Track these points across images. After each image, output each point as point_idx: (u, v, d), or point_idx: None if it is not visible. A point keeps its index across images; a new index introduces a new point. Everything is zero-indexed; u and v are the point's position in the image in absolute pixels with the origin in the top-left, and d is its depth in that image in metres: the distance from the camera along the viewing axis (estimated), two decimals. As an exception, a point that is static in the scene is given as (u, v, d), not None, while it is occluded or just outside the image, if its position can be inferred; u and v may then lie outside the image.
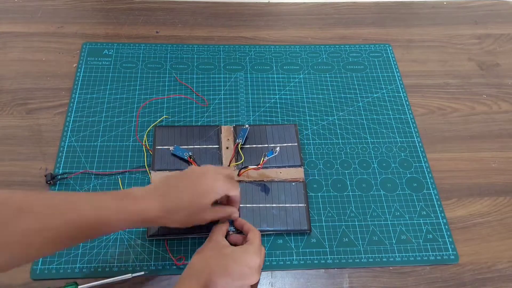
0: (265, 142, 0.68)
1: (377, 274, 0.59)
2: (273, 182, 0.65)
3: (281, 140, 0.68)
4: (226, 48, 0.83)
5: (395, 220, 0.64)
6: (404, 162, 0.70)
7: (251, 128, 0.69)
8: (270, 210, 0.62)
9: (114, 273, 0.57)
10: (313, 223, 0.63)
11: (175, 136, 0.68)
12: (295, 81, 0.79)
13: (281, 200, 0.63)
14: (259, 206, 0.62)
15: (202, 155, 0.66)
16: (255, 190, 0.64)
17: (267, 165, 0.65)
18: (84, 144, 0.68)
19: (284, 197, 0.63)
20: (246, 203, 0.62)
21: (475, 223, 0.65)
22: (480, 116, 0.77)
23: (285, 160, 0.67)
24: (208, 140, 0.68)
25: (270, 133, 0.69)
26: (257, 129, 0.70)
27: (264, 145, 0.68)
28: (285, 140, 0.69)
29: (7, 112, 0.71)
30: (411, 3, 0.95)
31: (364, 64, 0.82)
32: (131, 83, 0.76)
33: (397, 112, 0.76)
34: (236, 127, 0.70)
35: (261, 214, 0.62)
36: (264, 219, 0.61)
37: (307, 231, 0.61)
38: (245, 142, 0.68)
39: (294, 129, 0.70)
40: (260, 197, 0.63)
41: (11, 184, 0.64)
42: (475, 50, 0.87)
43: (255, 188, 0.64)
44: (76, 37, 0.82)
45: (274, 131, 0.69)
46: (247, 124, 0.71)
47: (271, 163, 0.66)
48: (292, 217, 0.62)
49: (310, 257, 0.60)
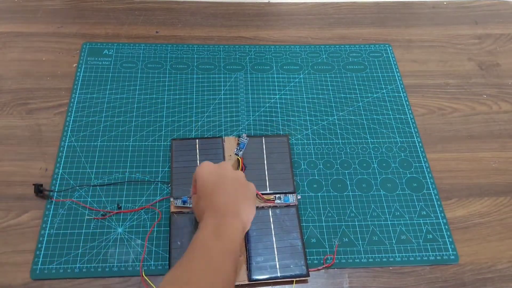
0: (260, 155, 0.67)
1: (377, 274, 0.59)
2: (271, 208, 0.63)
3: (274, 157, 0.67)
4: (226, 48, 0.83)
5: (395, 220, 0.64)
6: (404, 162, 0.70)
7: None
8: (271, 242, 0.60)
9: (114, 273, 0.57)
10: (313, 223, 0.63)
11: (190, 150, 0.67)
12: (295, 81, 0.79)
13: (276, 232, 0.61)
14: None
15: None
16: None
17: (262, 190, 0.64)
18: (84, 144, 0.68)
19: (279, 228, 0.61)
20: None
21: (475, 223, 0.65)
22: (480, 116, 0.77)
23: (279, 186, 0.65)
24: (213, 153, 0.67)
25: (263, 146, 0.68)
26: (251, 141, 0.69)
27: (260, 158, 0.67)
28: (278, 157, 0.67)
29: (7, 112, 0.71)
30: (411, 3, 0.95)
31: (364, 64, 0.82)
32: (131, 83, 0.76)
33: (397, 112, 0.76)
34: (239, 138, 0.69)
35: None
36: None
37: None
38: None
39: (286, 141, 0.69)
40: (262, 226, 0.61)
41: (11, 184, 0.64)
42: (475, 50, 0.87)
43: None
44: (76, 37, 0.82)
45: (267, 144, 0.68)
46: (245, 134, 0.70)
47: (262, 189, 0.64)
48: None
49: (310, 257, 0.60)
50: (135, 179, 0.65)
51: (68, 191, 0.63)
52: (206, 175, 0.54)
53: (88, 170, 0.65)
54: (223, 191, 0.53)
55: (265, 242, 0.59)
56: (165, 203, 0.63)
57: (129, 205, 0.62)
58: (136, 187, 0.64)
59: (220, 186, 0.53)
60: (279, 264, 0.58)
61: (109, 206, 0.62)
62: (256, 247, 0.59)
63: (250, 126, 0.72)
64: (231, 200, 0.52)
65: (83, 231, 0.60)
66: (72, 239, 0.59)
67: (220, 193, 0.53)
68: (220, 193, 0.53)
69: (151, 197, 0.63)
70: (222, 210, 0.51)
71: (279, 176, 0.65)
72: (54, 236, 0.59)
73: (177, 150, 0.67)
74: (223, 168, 0.55)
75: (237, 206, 0.52)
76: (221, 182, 0.53)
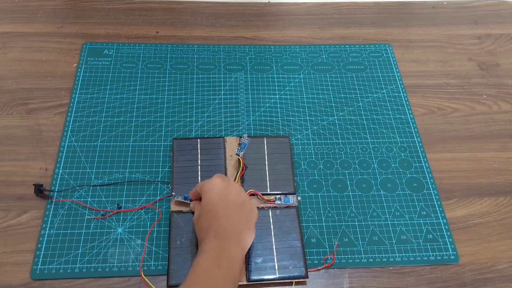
0: (261, 155, 0.67)
1: (377, 274, 0.59)
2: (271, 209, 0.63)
3: (275, 158, 0.67)
4: (226, 48, 0.83)
5: (395, 220, 0.64)
6: (404, 162, 0.70)
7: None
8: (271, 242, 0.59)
9: (114, 273, 0.57)
10: (313, 223, 0.63)
11: (191, 149, 0.67)
12: (295, 81, 0.79)
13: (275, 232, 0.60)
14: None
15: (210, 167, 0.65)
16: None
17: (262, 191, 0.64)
18: (84, 144, 0.68)
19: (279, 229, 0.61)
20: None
21: (475, 223, 0.65)
22: (480, 116, 0.77)
23: (279, 186, 0.64)
24: (215, 153, 0.67)
25: (264, 147, 0.68)
26: (252, 141, 0.68)
27: (261, 159, 0.67)
28: (279, 157, 0.67)
29: (7, 112, 0.71)
30: (411, 3, 0.95)
31: (364, 64, 0.82)
32: (131, 83, 0.76)
33: (397, 112, 0.76)
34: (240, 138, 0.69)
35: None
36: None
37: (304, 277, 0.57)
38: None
39: (288, 142, 0.69)
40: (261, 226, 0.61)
41: (11, 184, 0.64)
42: (475, 50, 0.87)
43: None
44: (76, 37, 0.82)
45: (268, 144, 0.68)
46: (246, 134, 0.70)
47: (262, 190, 0.64)
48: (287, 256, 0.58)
49: (310, 257, 0.60)
50: (135, 179, 0.65)
51: (68, 191, 0.63)
52: (214, 195, 0.54)
53: (88, 170, 0.65)
54: (228, 216, 0.53)
55: (264, 242, 0.59)
56: (165, 203, 0.63)
57: (129, 205, 0.62)
58: (136, 187, 0.64)
59: (226, 211, 0.53)
60: (278, 265, 0.57)
61: (109, 206, 0.62)
62: (255, 247, 0.59)
63: (250, 126, 0.72)
64: (235, 227, 0.53)
65: (83, 231, 0.60)
66: (72, 239, 0.59)
67: (225, 217, 0.53)
68: (224, 217, 0.53)
69: (151, 197, 0.63)
70: (225, 235, 0.52)
71: (279, 177, 0.65)
72: (54, 236, 0.59)
73: (178, 149, 0.67)
74: (231, 190, 0.55)
75: (240, 232, 0.53)
76: (227, 207, 0.53)
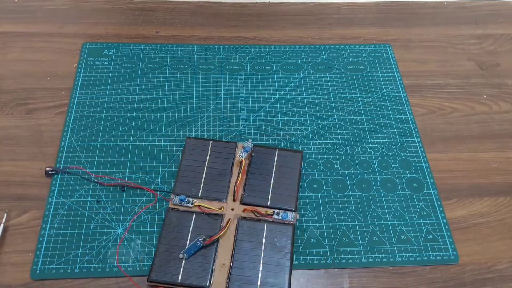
0: (270, 166, 0.66)
1: (377, 274, 0.59)
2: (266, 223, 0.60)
3: (283, 171, 0.65)
4: (226, 48, 0.83)
5: (395, 220, 0.64)
6: (404, 162, 0.70)
7: (257, 149, 0.67)
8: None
9: (114, 273, 0.57)
10: (313, 223, 0.63)
11: (202, 150, 0.66)
12: (295, 81, 0.79)
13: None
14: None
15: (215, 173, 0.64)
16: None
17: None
18: (84, 144, 0.68)
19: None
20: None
21: (475, 223, 0.65)
22: (480, 116, 0.77)
23: (280, 201, 0.62)
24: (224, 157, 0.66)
25: (275, 159, 0.66)
26: (263, 151, 0.67)
27: (268, 170, 0.65)
28: (287, 172, 0.65)
29: (7, 112, 0.71)
30: (411, 3, 0.95)
31: (364, 64, 0.82)
32: (131, 83, 0.76)
33: (397, 112, 0.76)
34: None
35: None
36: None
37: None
38: (251, 162, 0.66)
39: (299, 158, 0.67)
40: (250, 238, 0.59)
41: (11, 184, 0.64)
42: (475, 50, 0.87)
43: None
44: (76, 37, 0.82)
45: (279, 157, 0.66)
46: (250, 140, 0.67)
47: (262, 202, 0.62)
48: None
49: (310, 257, 0.60)
50: (135, 179, 0.65)
51: (68, 191, 0.63)
52: None
53: (88, 170, 0.65)
54: None
55: (252, 255, 0.57)
56: (165, 203, 0.63)
57: (129, 205, 0.62)
58: (136, 187, 0.64)
59: None
60: (261, 281, 0.55)
61: (109, 206, 0.62)
62: (241, 258, 0.56)
63: (250, 126, 0.72)
64: None
65: (83, 231, 0.60)
66: (72, 239, 0.59)
67: None
68: None
69: (151, 197, 0.63)
70: None
71: (283, 191, 0.63)
72: (54, 236, 0.59)
73: (189, 148, 0.67)
74: None
75: None
76: None
